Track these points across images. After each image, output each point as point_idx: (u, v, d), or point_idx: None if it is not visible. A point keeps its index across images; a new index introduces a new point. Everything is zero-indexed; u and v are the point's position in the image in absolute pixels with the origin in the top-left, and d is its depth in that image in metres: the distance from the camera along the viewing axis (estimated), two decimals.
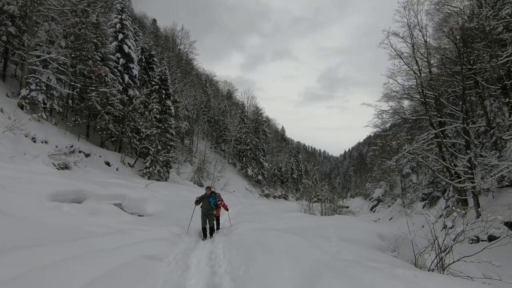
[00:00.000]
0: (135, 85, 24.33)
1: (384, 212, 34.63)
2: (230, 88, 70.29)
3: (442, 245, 5.34)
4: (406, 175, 33.28)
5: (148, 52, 28.39)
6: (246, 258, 4.69)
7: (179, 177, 28.36)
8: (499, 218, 5.33)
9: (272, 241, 5.50)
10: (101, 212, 8.78)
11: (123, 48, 23.16)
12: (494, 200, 15.01)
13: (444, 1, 20.40)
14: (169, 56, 40.16)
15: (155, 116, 24.35)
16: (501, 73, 16.91)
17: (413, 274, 3.21)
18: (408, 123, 23.51)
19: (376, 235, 6.98)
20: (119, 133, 22.45)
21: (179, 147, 34.46)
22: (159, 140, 23.55)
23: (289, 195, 54.90)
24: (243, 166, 45.39)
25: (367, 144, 73.49)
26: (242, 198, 29.58)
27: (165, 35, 51.08)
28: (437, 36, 21.28)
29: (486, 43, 17.29)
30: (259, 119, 50.57)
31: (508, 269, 7.55)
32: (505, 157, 15.05)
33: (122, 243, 4.95)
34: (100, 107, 19.90)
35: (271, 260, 4.36)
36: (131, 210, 10.73)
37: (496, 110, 18.60)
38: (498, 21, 15.69)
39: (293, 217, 12.15)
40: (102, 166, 18.71)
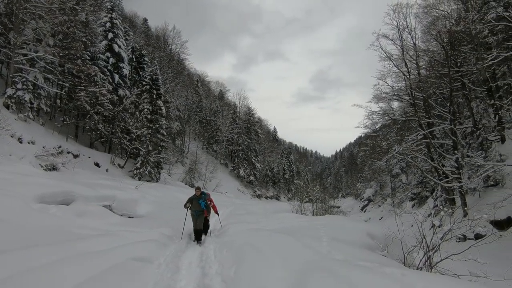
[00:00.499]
0: (125, 85, 24.02)
1: (374, 212, 35.06)
2: (222, 88, 70.21)
3: (430, 244, 5.44)
4: (396, 175, 33.79)
5: (139, 51, 28.09)
6: (237, 259, 4.68)
7: (170, 178, 28.10)
8: (485, 217, 5.46)
9: (264, 242, 5.51)
10: (90, 214, 8.61)
11: (113, 47, 22.85)
12: (480, 199, 15.37)
13: (432, 5, 20.85)
14: (160, 56, 39.80)
15: (146, 116, 24.08)
16: (486, 75, 17.37)
17: (401, 273, 3.26)
18: (398, 124, 23.89)
19: (366, 234, 7.06)
20: (109, 133, 22.11)
21: (170, 147, 34.16)
22: (150, 141, 23.30)
23: (281, 195, 55.06)
24: (235, 167, 45.30)
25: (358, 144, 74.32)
26: (234, 198, 29.50)
27: (156, 34, 50.63)
28: (425, 38, 21.72)
29: (473, 46, 17.74)
30: (251, 120, 50.58)
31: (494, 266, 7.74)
32: (490, 157, 15.46)
33: (111, 245, 4.87)
34: (89, 107, 19.57)
35: (262, 260, 4.36)
36: (120, 211, 10.57)
37: (482, 112, 19.09)
38: (484, 25, 16.11)
39: (284, 217, 12.18)
40: (91, 167, 18.39)
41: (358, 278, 3.07)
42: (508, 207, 11.78)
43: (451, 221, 5.65)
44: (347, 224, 7.92)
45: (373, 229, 7.69)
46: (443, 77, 18.44)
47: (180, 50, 51.88)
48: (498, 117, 17.08)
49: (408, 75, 19.16)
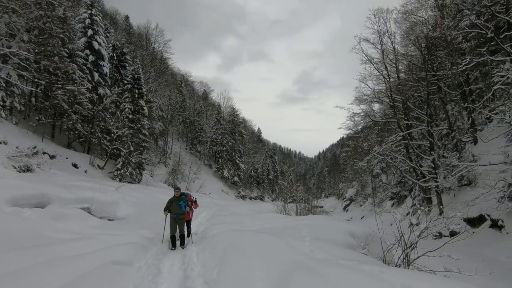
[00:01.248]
0: (105, 83, 23.32)
1: (356, 211, 35.87)
2: (206, 88, 69.56)
3: (407, 242, 5.62)
4: (377, 175, 34.72)
5: (120, 49, 27.37)
6: (220, 260, 4.65)
7: (152, 179, 27.54)
8: (458, 215, 5.72)
9: (247, 242, 5.50)
10: (67, 217, 8.30)
11: (93, 44, 22.14)
12: (455, 198, 16.07)
13: (410, 11, 21.63)
14: (143, 55, 38.94)
15: (127, 116, 23.48)
16: (460, 79, 18.22)
17: (379, 270, 3.35)
18: (378, 125, 24.59)
19: (348, 233, 7.21)
20: (88, 133, 21.39)
21: (152, 148, 33.49)
22: (132, 141, 22.73)
23: (265, 196, 55.23)
24: (219, 168, 45.02)
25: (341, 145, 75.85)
26: (217, 199, 29.31)
27: (139, 32, 49.50)
28: (404, 43, 22.51)
29: (448, 51, 18.53)
30: (236, 120, 50.45)
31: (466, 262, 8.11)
32: (464, 158, 16.19)
33: (88, 249, 4.71)
34: (67, 106, 18.85)
35: (245, 261, 4.36)
36: (100, 214, 10.25)
37: (457, 114, 19.98)
38: (458, 32, 16.89)
39: (268, 218, 12.22)
40: (69, 168, 17.71)
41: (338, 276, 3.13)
42: (480, 205, 12.36)
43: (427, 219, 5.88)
44: (329, 224, 8.06)
45: (354, 228, 7.86)
46: (421, 81, 19.15)
47: (163, 49, 50.93)
48: (471, 119, 17.93)
49: (388, 78, 19.77)
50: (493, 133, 14.64)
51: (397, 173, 26.71)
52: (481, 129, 18.39)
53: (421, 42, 18.88)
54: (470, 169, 14.81)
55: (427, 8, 21.64)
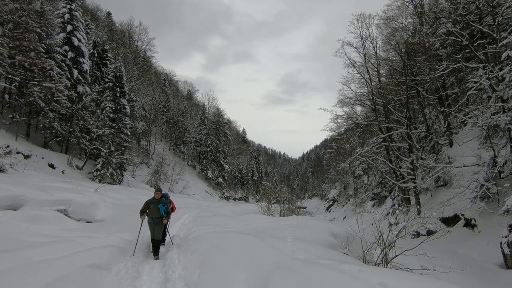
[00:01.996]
0: (85, 81, 22.57)
1: (338, 211, 36.50)
2: (191, 88, 68.76)
3: (386, 241, 5.78)
4: (358, 176, 35.50)
5: (101, 46, 26.57)
6: (202, 262, 4.60)
7: (134, 180, 26.89)
8: (434, 215, 5.94)
9: (229, 244, 5.48)
10: (42, 220, 7.94)
11: (72, 40, 21.38)
12: (431, 199, 16.68)
13: (391, 17, 22.31)
14: (125, 52, 38.01)
15: (108, 115, 22.83)
16: (438, 84, 18.97)
17: (358, 269, 3.43)
18: (361, 127, 25.20)
19: (329, 233, 7.33)
20: (66, 132, 20.61)
21: (134, 148, 32.71)
22: (113, 141, 22.10)
23: (250, 197, 55.21)
24: (203, 168, 44.60)
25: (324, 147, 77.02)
26: (201, 201, 29.00)
27: (121, 30, 48.31)
28: (385, 48, 23.21)
29: (426, 57, 19.27)
30: (220, 121, 50.17)
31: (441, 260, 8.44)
32: (440, 159, 16.86)
33: (64, 253, 4.53)
34: (43, 104, 18.09)
35: (227, 262, 4.34)
36: (78, 216, 9.89)
37: (434, 118, 20.79)
38: (436, 38, 17.59)
39: (252, 218, 12.21)
40: (45, 168, 17.00)
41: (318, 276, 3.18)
42: (454, 205, 12.91)
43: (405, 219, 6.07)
44: (311, 224, 8.15)
45: (335, 228, 8.00)
46: (401, 85, 19.78)
47: (146, 47, 49.97)
48: (447, 123, 18.70)
49: (370, 82, 20.28)
50: (467, 136, 15.35)
51: (378, 174, 27.44)
52: (456, 132, 19.22)
53: (401, 48, 19.53)
54: (446, 171, 15.44)
55: (407, 15, 22.41)
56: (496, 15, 13.41)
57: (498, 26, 13.31)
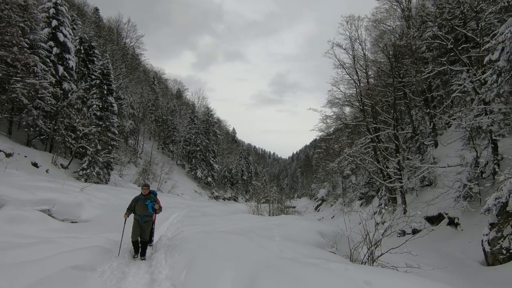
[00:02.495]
0: (71, 78, 22.01)
1: (327, 211, 36.90)
2: (180, 87, 68.13)
3: (372, 240, 5.88)
4: (347, 176, 35.98)
5: (88, 43, 25.97)
6: (189, 262, 4.56)
7: (121, 180, 26.43)
8: (419, 214, 6.07)
9: (217, 243, 5.45)
10: (24, 220, 7.70)
11: (58, 36, 20.81)
12: (417, 198, 17.06)
13: (380, 20, 22.72)
14: (113, 49, 37.27)
15: (95, 113, 22.36)
16: (424, 86, 19.42)
17: (344, 268, 3.48)
18: (349, 128, 25.54)
19: (317, 233, 7.39)
20: (50, 130, 20.06)
21: (122, 147, 32.14)
22: (99, 140, 21.65)
23: (239, 196, 55.14)
24: (192, 168, 44.26)
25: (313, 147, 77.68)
26: (190, 200, 28.77)
27: (109, 26, 47.31)
28: (374, 50, 23.61)
29: (413, 60, 19.69)
30: (210, 120, 49.89)
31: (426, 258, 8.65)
32: (426, 160, 17.26)
33: (47, 254, 4.41)
34: (27, 101, 17.55)
35: (215, 262, 4.31)
36: (62, 216, 9.64)
37: (420, 119, 21.28)
38: (422, 42, 17.98)
39: (241, 218, 12.19)
40: (28, 167, 16.50)
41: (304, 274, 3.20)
42: (439, 205, 13.25)
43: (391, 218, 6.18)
44: (299, 224, 8.20)
45: (323, 227, 8.07)
46: (388, 86, 20.16)
47: (135, 44, 48.99)
48: (432, 124, 19.18)
49: (358, 83, 20.57)
50: (452, 137, 15.77)
51: (366, 174, 27.85)
52: (441, 133, 19.72)
53: (389, 50, 19.89)
54: (431, 171, 15.82)
55: (395, 18, 22.85)
56: (480, 20, 13.82)
57: (481, 31, 13.72)
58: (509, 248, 8.62)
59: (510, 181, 8.35)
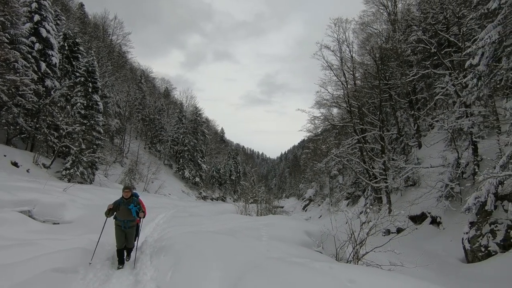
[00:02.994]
0: (54, 75, 21.36)
1: (314, 210, 37.27)
2: (168, 86, 67.27)
3: (357, 239, 5.98)
4: (334, 176, 36.45)
5: (73, 39, 25.27)
6: (175, 263, 4.51)
7: (107, 180, 25.86)
8: (402, 213, 6.22)
9: (204, 244, 5.42)
10: (2, 222, 7.40)
11: (40, 31, 20.16)
12: (401, 198, 17.47)
13: (367, 23, 23.16)
14: (99, 47, 36.43)
15: (79, 111, 21.77)
16: (408, 89, 19.91)
17: (329, 266, 3.53)
18: (336, 129, 25.89)
19: (304, 232, 7.46)
20: (32, 129, 19.41)
21: (108, 146, 31.46)
22: (84, 139, 21.10)
23: (227, 196, 54.94)
24: (180, 168, 43.79)
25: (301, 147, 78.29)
26: (177, 201, 28.47)
27: (95, 22, 46.25)
28: (361, 52, 24.04)
29: (398, 63, 20.14)
30: (198, 120, 49.50)
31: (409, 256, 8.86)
32: (410, 160, 17.70)
33: (26, 256, 4.26)
34: (6, 98, 16.92)
35: (201, 263, 4.29)
36: (43, 217, 9.34)
37: (405, 121, 21.79)
38: (407, 45, 18.44)
39: (228, 218, 12.16)
40: (7, 167, 15.91)
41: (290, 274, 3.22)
42: (422, 204, 13.61)
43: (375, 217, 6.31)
44: (287, 223, 8.26)
45: (310, 227, 8.15)
46: (375, 88, 20.54)
47: (122, 42, 48.15)
48: (416, 125, 19.68)
49: (346, 85, 20.91)
50: (435, 138, 16.22)
51: (352, 174, 28.30)
52: (425, 134, 20.26)
53: (376, 53, 20.29)
54: (415, 171, 16.23)
55: (381, 21, 23.36)
56: (461, 26, 14.29)
57: (463, 36, 14.19)
58: (487, 246, 8.95)
59: (488, 181, 8.67)
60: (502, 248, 8.67)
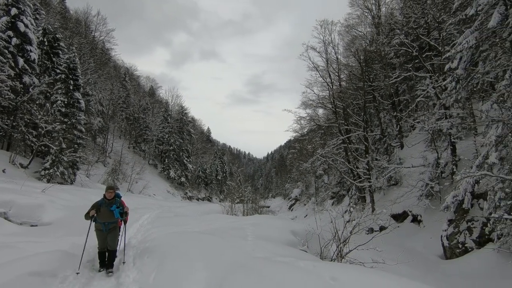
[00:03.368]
0: (33, 71, 20.54)
1: (300, 210, 37.61)
2: (153, 84, 66.04)
3: (341, 237, 6.09)
4: (319, 176, 36.88)
5: (53, 34, 24.38)
6: (159, 264, 4.44)
7: (89, 180, 25.12)
8: (384, 212, 6.38)
9: (189, 244, 5.36)
10: None
11: (17, 25, 19.33)
12: (384, 197, 17.90)
13: (352, 25, 23.58)
14: (81, 43, 35.35)
15: (60, 109, 21.04)
16: (391, 91, 20.43)
17: (313, 265, 3.58)
18: (322, 129, 26.23)
19: (290, 232, 7.52)
20: (8, 127, 18.61)
21: (90, 146, 30.56)
22: (64, 138, 20.40)
23: (213, 197, 54.60)
24: (165, 168, 43.14)
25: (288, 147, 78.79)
26: (162, 201, 28.04)
27: (76, 18, 44.82)
28: (346, 54, 24.45)
29: (382, 65, 20.62)
30: (184, 119, 48.91)
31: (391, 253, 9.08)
32: (392, 160, 18.16)
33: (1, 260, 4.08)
34: None
35: (186, 263, 4.24)
36: (20, 219, 8.98)
37: (388, 122, 22.36)
38: (390, 48, 18.91)
39: (214, 218, 12.09)
40: None
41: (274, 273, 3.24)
42: (404, 203, 14.00)
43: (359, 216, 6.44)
44: (273, 223, 8.30)
45: (296, 226, 8.23)
46: (359, 90, 20.96)
47: (105, 38, 46.89)
48: (399, 126, 20.22)
49: (331, 86, 21.21)
50: (416, 139, 16.73)
51: (337, 174, 28.72)
52: (406, 135, 20.85)
53: (360, 55, 20.70)
54: (397, 171, 16.68)
55: (366, 24, 23.84)
56: (441, 31, 14.80)
57: (443, 40, 14.70)
58: (464, 243, 9.32)
59: (465, 180, 9.02)
60: (478, 244, 9.05)
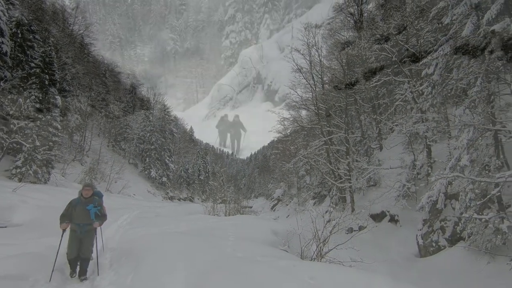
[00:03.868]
0: (5, 64, 19.52)
1: (282, 210, 37.88)
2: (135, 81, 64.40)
3: (321, 237, 6.20)
4: (302, 176, 37.29)
5: (27, 26, 23.26)
6: (137, 266, 4.34)
7: (64, 179, 24.12)
8: (363, 212, 6.55)
9: (169, 245, 5.28)
10: None
11: None
12: (363, 197, 18.37)
13: (335, 29, 24.06)
14: (58, 37, 33.92)
15: (34, 105, 20.09)
16: (372, 94, 21.02)
17: (292, 264, 3.62)
18: (305, 130, 26.60)
19: (271, 232, 7.57)
20: None
21: (66, 144, 29.41)
22: (38, 135, 19.50)
23: (196, 197, 53.99)
24: (146, 167, 42.19)
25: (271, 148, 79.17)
26: (142, 201, 27.41)
27: (53, 10, 42.96)
28: (329, 57, 24.92)
29: (363, 69, 21.17)
30: (167, 118, 48.08)
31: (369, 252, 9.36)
32: (372, 162, 18.68)
33: None
34: None
35: (165, 264, 4.17)
36: None
37: (368, 124, 22.98)
38: (371, 53, 19.45)
39: (196, 219, 11.96)
40: None
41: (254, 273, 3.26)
42: (382, 203, 14.42)
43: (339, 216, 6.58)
44: (254, 223, 8.33)
45: (277, 226, 8.30)
46: (341, 92, 21.40)
47: (84, 33, 45.25)
48: (378, 129, 20.84)
49: (314, 88, 21.55)
50: (394, 141, 17.31)
51: (319, 174, 29.16)
52: (385, 138, 21.51)
53: (343, 58, 21.16)
54: (376, 172, 17.17)
55: (349, 28, 24.40)
56: (419, 37, 15.40)
57: (420, 47, 15.29)
58: (437, 241, 9.73)
59: (439, 181, 9.43)
60: (450, 243, 9.48)
